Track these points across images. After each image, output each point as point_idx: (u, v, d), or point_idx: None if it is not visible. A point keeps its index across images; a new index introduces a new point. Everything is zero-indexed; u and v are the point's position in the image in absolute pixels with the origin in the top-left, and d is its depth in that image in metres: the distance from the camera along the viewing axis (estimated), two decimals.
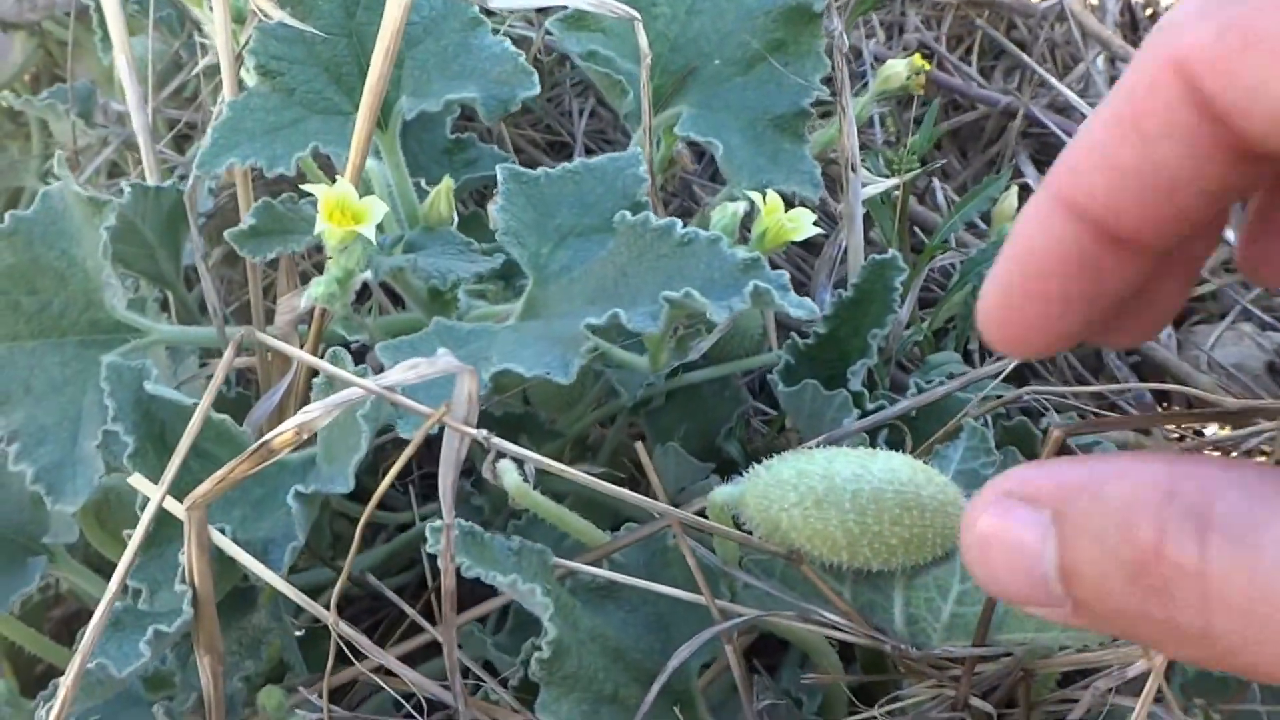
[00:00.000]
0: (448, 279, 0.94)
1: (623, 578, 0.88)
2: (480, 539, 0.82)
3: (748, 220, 0.98)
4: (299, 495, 0.86)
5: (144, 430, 0.90)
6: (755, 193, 0.96)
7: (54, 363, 1.00)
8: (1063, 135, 1.66)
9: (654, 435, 1.20)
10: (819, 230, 0.97)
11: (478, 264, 0.97)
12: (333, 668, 0.90)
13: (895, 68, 1.22)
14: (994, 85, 1.84)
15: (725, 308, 0.79)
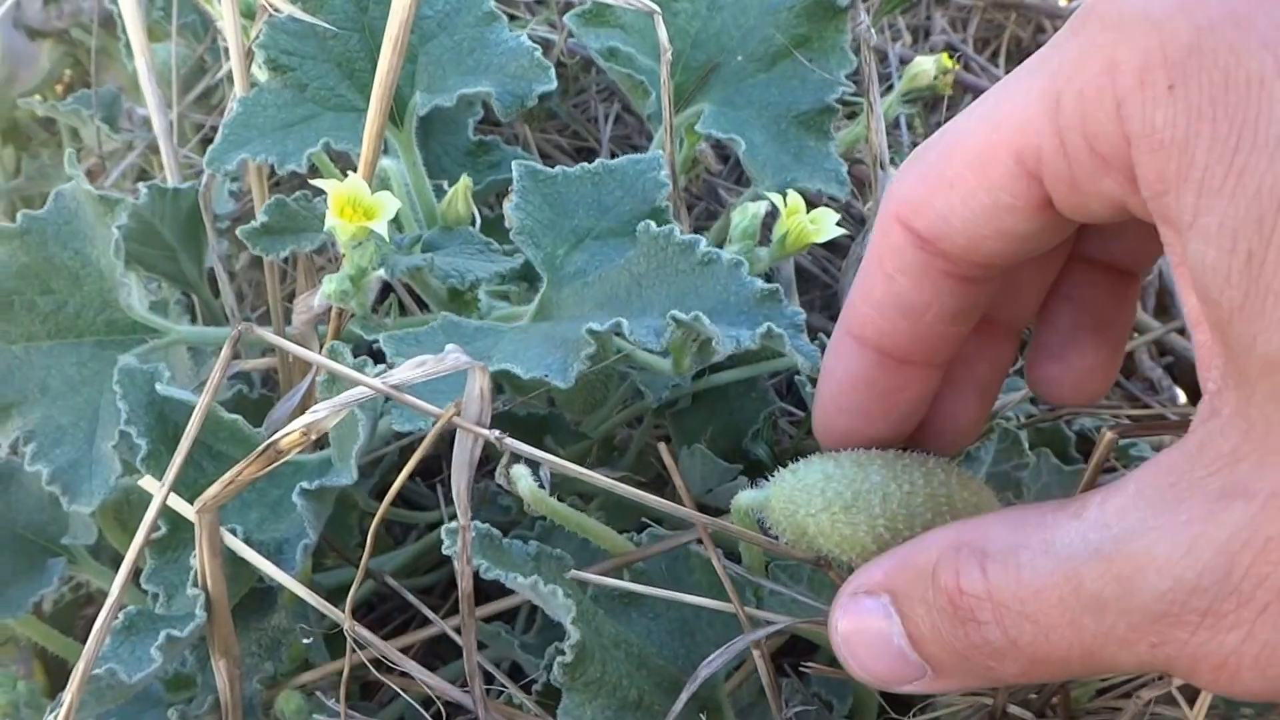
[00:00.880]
0: (466, 278, 0.92)
1: (645, 589, 0.86)
2: (497, 542, 0.81)
3: (772, 221, 0.97)
4: (304, 492, 0.85)
5: (157, 433, 0.90)
6: (776, 194, 0.94)
7: (71, 363, 1.00)
8: None
9: (680, 437, 1.18)
10: (843, 231, 0.95)
11: (496, 263, 0.95)
12: (356, 667, 0.89)
13: (923, 65, 1.20)
14: None
15: (732, 339, 0.78)
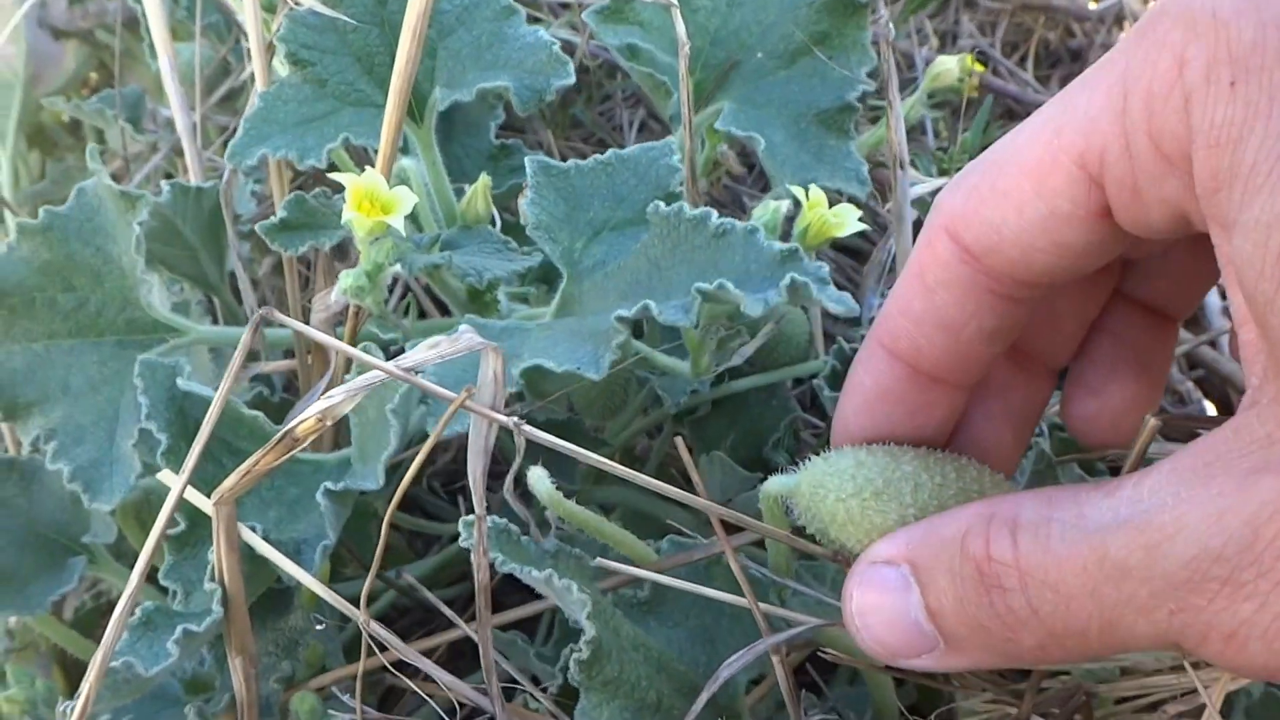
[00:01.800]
0: (484, 277, 0.92)
1: (667, 579, 0.85)
2: (515, 538, 0.81)
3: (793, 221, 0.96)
4: (329, 493, 0.85)
5: (177, 428, 0.90)
6: (798, 189, 0.94)
7: (91, 362, 1.00)
8: None
9: (700, 445, 1.17)
10: (864, 227, 0.94)
11: (515, 262, 0.95)
12: (370, 671, 0.89)
13: (946, 64, 1.19)
14: (1049, 91, 1.80)
15: (760, 300, 0.76)
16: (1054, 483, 1.02)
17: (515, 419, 0.71)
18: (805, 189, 0.93)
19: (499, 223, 1.03)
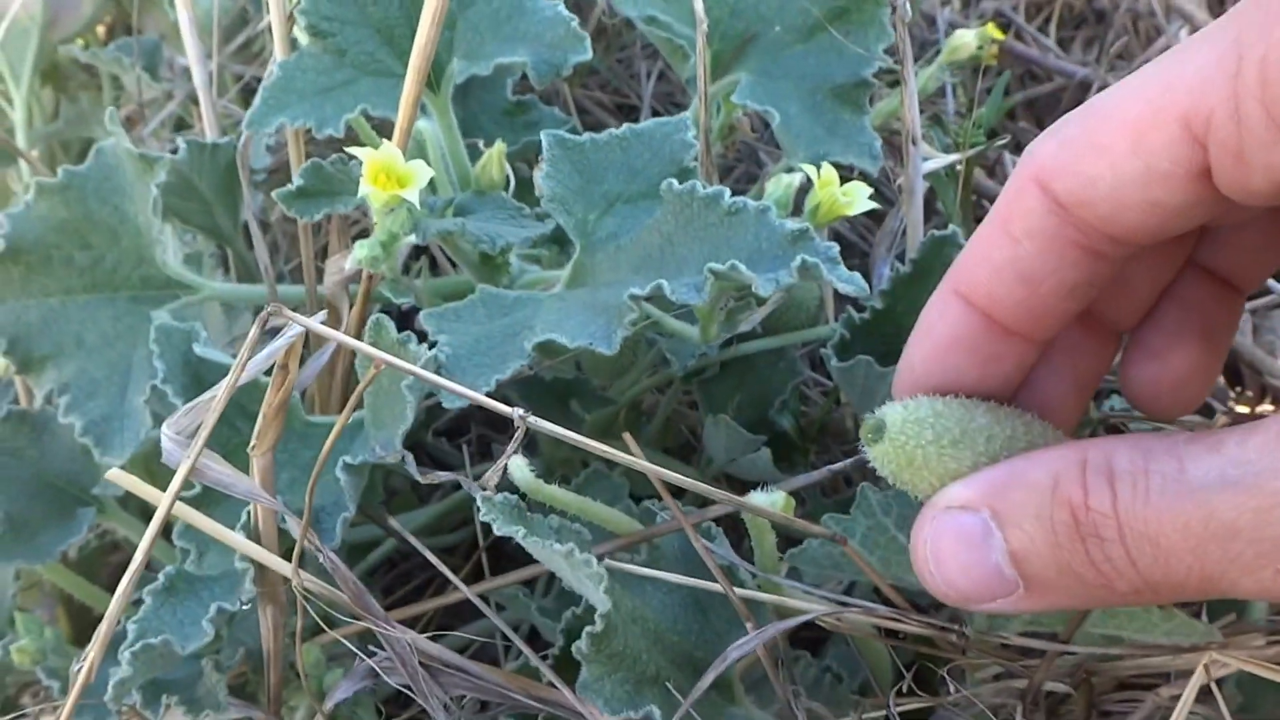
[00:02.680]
0: (497, 243, 0.92)
1: (656, 573, 0.87)
2: (523, 513, 0.82)
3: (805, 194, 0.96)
4: (347, 466, 0.86)
5: (193, 393, 0.90)
6: (810, 166, 0.94)
7: (106, 317, 1.01)
8: None
9: (707, 405, 1.18)
10: (875, 205, 0.94)
11: (528, 229, 0.95)
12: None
13: (964, 38, 1.19)
14: (1072, 56, 1.79)
15: (772, 281, 0.77)
16: None
17: (519, 412, 0.72)
18: (817, 166, 0.93)
19: (513, 182, 1.03)
